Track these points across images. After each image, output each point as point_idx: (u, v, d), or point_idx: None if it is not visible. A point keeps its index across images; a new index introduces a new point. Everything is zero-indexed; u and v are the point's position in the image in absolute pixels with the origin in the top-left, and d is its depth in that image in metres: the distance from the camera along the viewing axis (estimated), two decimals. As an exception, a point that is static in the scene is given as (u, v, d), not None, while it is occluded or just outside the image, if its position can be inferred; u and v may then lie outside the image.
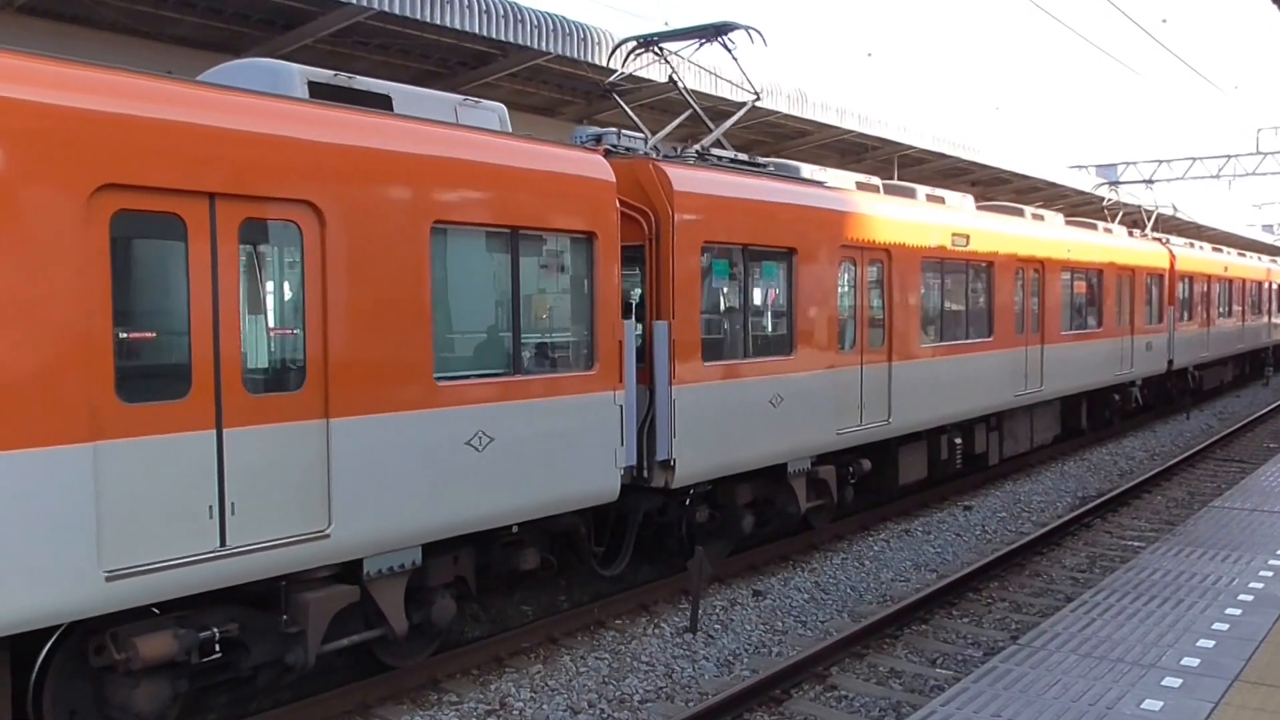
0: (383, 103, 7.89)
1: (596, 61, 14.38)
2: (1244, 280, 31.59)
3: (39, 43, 5.68)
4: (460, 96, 8.65)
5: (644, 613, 10.09)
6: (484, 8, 12.94)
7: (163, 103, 6.14)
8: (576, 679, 8.45)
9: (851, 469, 12.68)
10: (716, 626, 9.78)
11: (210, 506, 6.25)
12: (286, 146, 6.69)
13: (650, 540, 11.00)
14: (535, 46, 13.70)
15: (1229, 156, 33.88)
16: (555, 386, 8.60)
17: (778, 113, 18.01)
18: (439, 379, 7.60)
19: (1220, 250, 31.36)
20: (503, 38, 13.24)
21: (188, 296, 6.25)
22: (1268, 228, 59.38)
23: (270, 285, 6.97)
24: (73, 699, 6.28)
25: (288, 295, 6.97)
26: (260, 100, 6.76)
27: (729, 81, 15.06)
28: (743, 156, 11.87)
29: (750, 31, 11.29)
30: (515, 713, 7.78)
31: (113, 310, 5.87)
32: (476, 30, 12.92)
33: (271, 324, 6.94)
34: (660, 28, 15.84)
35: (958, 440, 15.14)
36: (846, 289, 12.44)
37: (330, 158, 6.91)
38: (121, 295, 6.02)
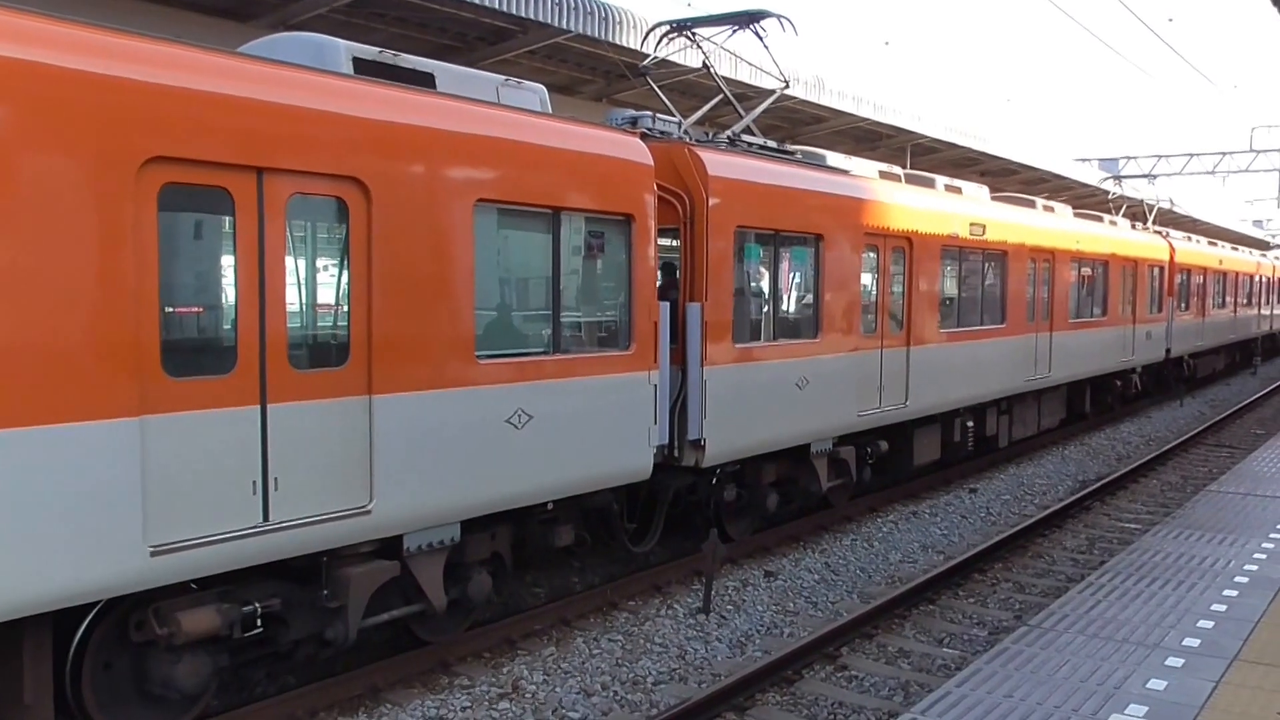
0: (426, 81, 7.51)
1: (618, 41, 13.87)
2: (1237, 273, 31.26)
3: (48, 7, 5.32)
4: (502, 77, 8.27)
5: (657, 594, 9.76)
6: (505, -18, 12.39)
7: (212, 75, 5.77)
8: (589, 661, 8.12)
9: (870, 449, 12.42)
10: (729, 607, 9.48)
11: (254, 482, 5.94)
12: (335, 122, 6.33)
13: (678, 518, 10.70)
14: (556, 24, 13.13)
15: (1224, 153, 33.37)
16: (593, 366, 8.26)
17: (795, 98, 17.52)
18: (480, 357, 7.28)
19: (1215, 244, 30.98)
20: (523, 14, 12.69)
21: (234, 272, 5.92)
22: (1258, 223, 58.84)
23: (316, 262, 6.64)
24: (111, 676, 5.99)
25: (333, 272, 6.63)
26: (308, 75, 6.39)
27: (759, 68, 14.62)
28: (771, 143, 11.50)
29: (782, 20, 10.90)
30: (528, 696, 7.43)
31: (159, 284, 5.53)
32: (496, 6, 12.32)
33: (316, 300, 6.61)
34: (684, 9, 15.37)
35: (970, 423, 14.86)
36: (869, 275, 12.12)
37: (377, 134, 6.55)
38: (168, 269, 5.69)
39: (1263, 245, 52.84)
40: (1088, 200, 30.84)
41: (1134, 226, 23.25)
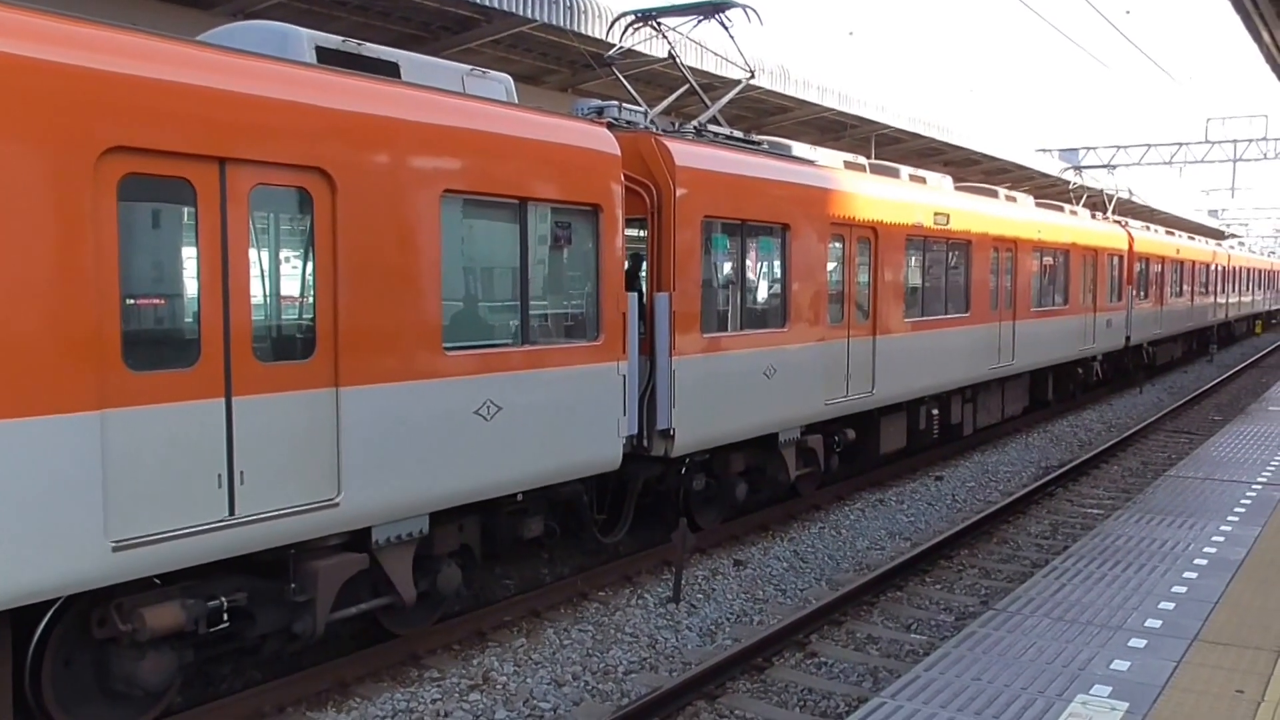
0: (390, 70, 7.40)
1: (583, 30, 13.75)
2: (1193, 262, 31.62)
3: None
4: (467, 66, 8.17)
5: (627, 584, 9.71)
6: (467, -29, 12.19)
7: (173, 64, 5.65)
8: (560, 652, 8.06)
9: (837, 438, 12.44)
10: (699, 596, 9.46)
11: (219, 475, 5.84)
12: (299, 112, 6.22)
13: (647, 508, 10.67)
14: (520, 13, 12.99)
15: (1180, 144, 33.77)
16: (561, 357, 8.21)
17: (761, 88, 17.51)
18: (448, 348, 7.20)
19: (1173, 234, 31.33)
20: (487, 3, 12.52)
21: (197, 263, 5.80)
22: (1213, 213, 59.75)
23: (280, 253, 6.52)
24: (72, 674, 5.87)
25: (297, 263, 6.52)
26: (271, 64, 6.27)
27: (724, 58, 14.56)
28: (738, 133, 11.47)
29: (747, 10, 10.87)
30: (499, 687, 7.36)
31: (120, 276, 5.42)
32: (459, -6, 12.22)
33: (281, 292, 6.50)
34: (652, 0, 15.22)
35: (935, 411, 14.94)
36: (835, 264, 12.13)
37: (342, 124, 6.44)
38: (129, 261, 5.56)
39: (1218, 235, 53.69)
40: (1049, 190, 31.16)
41: (1094, 216, 23.45)
